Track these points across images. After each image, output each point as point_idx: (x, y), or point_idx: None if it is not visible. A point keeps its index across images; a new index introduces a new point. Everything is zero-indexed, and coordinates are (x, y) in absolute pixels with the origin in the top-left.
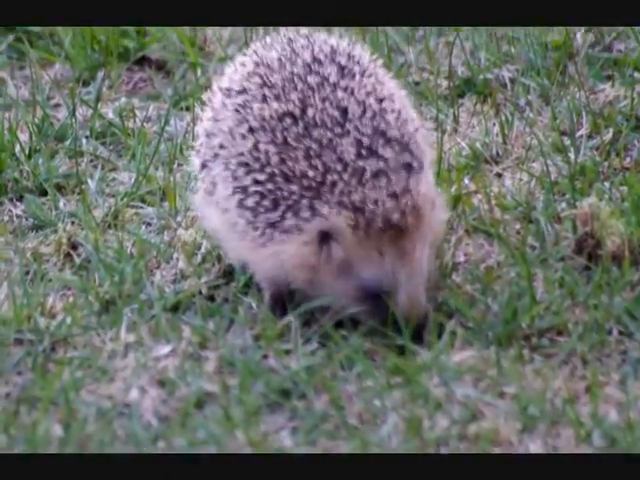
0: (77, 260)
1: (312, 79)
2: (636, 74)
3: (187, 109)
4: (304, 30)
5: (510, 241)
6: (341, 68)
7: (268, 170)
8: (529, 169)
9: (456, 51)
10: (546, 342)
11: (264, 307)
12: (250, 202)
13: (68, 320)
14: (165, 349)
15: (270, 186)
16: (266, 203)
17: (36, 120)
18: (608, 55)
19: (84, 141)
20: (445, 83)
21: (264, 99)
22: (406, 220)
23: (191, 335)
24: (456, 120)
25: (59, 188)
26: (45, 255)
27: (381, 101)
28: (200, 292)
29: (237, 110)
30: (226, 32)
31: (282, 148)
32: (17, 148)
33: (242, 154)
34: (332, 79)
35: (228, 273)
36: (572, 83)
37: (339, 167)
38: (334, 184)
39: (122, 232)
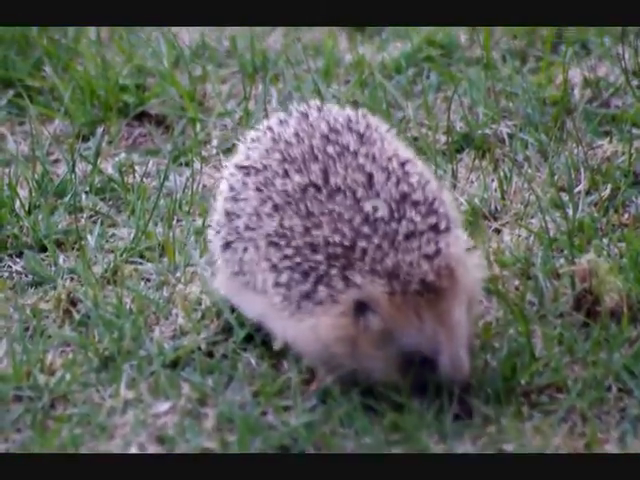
0: (76, 316)
1: (332, 149)
2: (634, 130)
3: (186, 164)
4: (315, 102)
5: (509, 297)
6: (360, 136)
7: (294, 244)
8: (528, 225)
9: (454, 106)
10: (545, 399)
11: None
12: (283, 279)
13: (67, 377)
14: (164, 406)
15: (298, 259)
16: (296, 276)
17: (36, 176)
18: (606, 111)
19: (84, 197)
20: (443, 138)
21: (285, 174)
22: (441, 281)
23: (190, 392)
24: (454, 176)
25: (59, 244)
26: (44, 311)
27: (403, 165)
28: (199, 348)
29: (259, 189)
30: (225, 87)
31: (305, 220)
32: (17, 204)
33: (270, 234)
34: (352, 147)
35: (227, 329)
36: (570, 139)
37: (368, 231)
38: (364, 250)
39: (121, 288)
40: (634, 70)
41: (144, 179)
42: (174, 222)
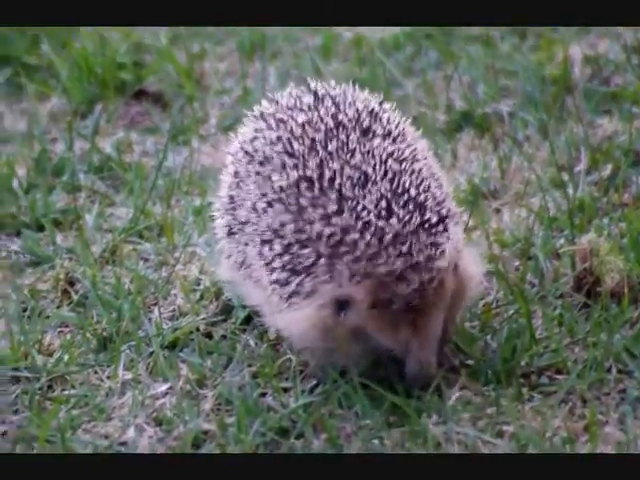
0: (75, 296)
1: (332, 145)
2: (634, 108)
3: (185, 143)
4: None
5: (509, 278)
6: (363, 132)
7: (285, 241)
8: (528, 205)
9: (454, 84)
10: (545, 380)
11: (316, 372)
12: (275, 277)
13: (65, 357)
14: (163, 387)
15: (287, 257)
16: (285, 275)
17: (33, 154)
18: (606, 89)
19: (82, 175)
20: (443, 117)
21: (284, 168)
22: (425, 299)
23: (189, 373)
24: (454, 155)
25: (57, 223)
26: (42, 292)
27: (401, 162)
28: (198, 329)
29: (258, 183)
30: (223, 65)
31: (297, 215)
32: (15, 183)
33: (264, 232)
34: (352, 144)
35: (226, 310)
36: (570, 117)
37: (359, 226)
38: (355, 243)
39: (120, 268)
40: (634, 47)
41: (142, 158)
42: (173, 201)
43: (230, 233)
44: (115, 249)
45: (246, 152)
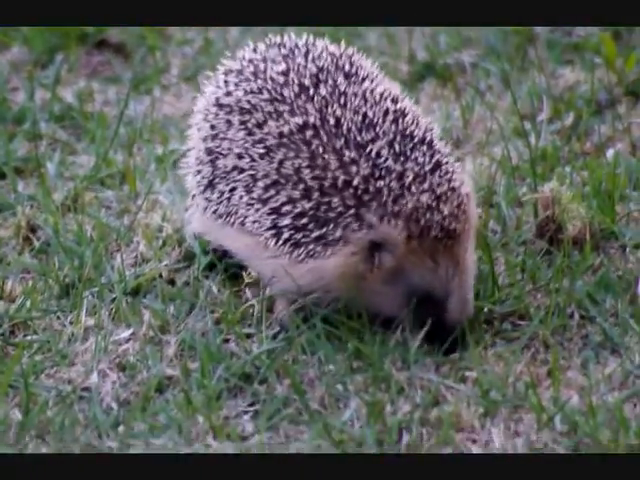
0: (36, 244)
1: (324, 90)
2: (596, 59)
3: (147, 93)
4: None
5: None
6: (346, 75)
7: (302, 186)
8: (490, 154)
9: (416, 35)
10: (508, 326)
11: (284, 319)
12: (286, 221)
13: (27, 304)
14: (125, 333)
15: (306, 203)
16: (304, 221)
17: None
18: (568, 39)
19: (43, 124)
20: (405, 67)
21: (279, 115)
22: (458, 224)
23: (152, 319)
24: (417, 105)
25: (18, 171)
26: (4, 239)
27: (395, 102)
28: (161, 276)
29: (249, 130)
30: None
31: (311, 161)
32: None
33: (267, 175)
34: (342, 87)
35: (189, 257)
36: (532, 67)
37: (381, 172)
38: (379, 191)
39: (82, 215)
40: None
41: (104, 107)
42: (135, 150)
43: (210, 184)
44: (77, 197)
45: (221, 105)
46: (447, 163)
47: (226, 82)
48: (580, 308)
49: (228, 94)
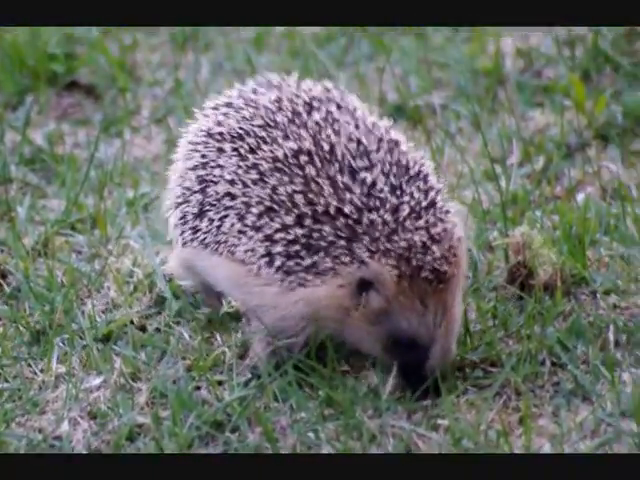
0: (7, 289)
1: (317, 115)
2: (566, 101)
3: (117, 135)
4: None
5: None
6: (338, 105)
7: (295, 212)
8: (461, 197)
9: (387, 76)
10: (480, 373)
11: (260, 359)
12: (279, 248)
13: None
14: (96, 380)
15: (299, 229)
16: (297, 248)
17: None
18: (538, 81)
19: (13, 167)
20: (376, 109)
21: (273, 140)
22: (449, 268)
23: (123, 366)
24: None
25: None
26: None
27: (388, 132)
28: (132, 322)
29: (242, 156)
30: (156, 57)
31: (305, 186)
32: None
33: (261, 202)
34: (335, 115)
35: (160, 302)
36: (502, 109)
37: (375, 203)
38: (372, 223)
39: (52, 260)
40: (566, 41)
41: (74, 150)
42: (105, 193)
43: (200, 212)
44: (47, 241)
45: (211, 134)
46: (441, 202)
47: (217, 114)
48: (551, 355)
49: (219, 124)
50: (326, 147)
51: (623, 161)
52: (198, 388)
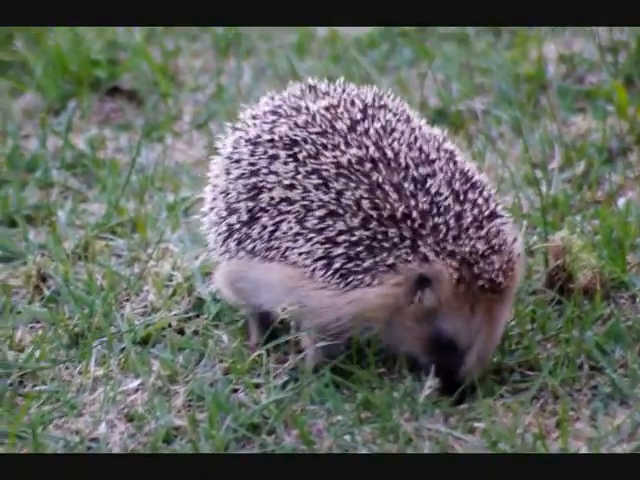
0: (46, 292)
1: (377, 123)
2: (608, 106)
3: (159, 140)
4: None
5: None
6: (394, 114)
7: (360, 216)
8: (501, 202)
9: (428, 82)
10: (517, 377)
11: (307, 364)
12: (339, 250)
13: (37, 353)
14: (134, 383)
15: (363, 232)
16: (359, 249)
17: (6, 150)
18: (580, 87)
19: (55, 172)
20: (417, 114)
21: (335, 147)
22: (504, 280)
23: (160, 369)
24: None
25: (29, 219)
26: (14, 287)
27: (445, 142)
28: (170, 325)
29: (300, 161)
30: (198, 62)
31: (371, 193)
32: None
33: (323, 205)
34: (392, 123)
35: (198, 306)
36: (544, 115)
37: (439, 209)
38: (436, 227)
39: (92, 264)
40: (609, 46)
41: (116, 154)
42: (146, 198)
43: (250, 220)
44: (87, 245)
45: (258, 143)
46: (501, 212)
47: (263, 121)
48: (590, 359)
49: (267, 131)
50: (390, 154)
51: None
52: (235, 391)
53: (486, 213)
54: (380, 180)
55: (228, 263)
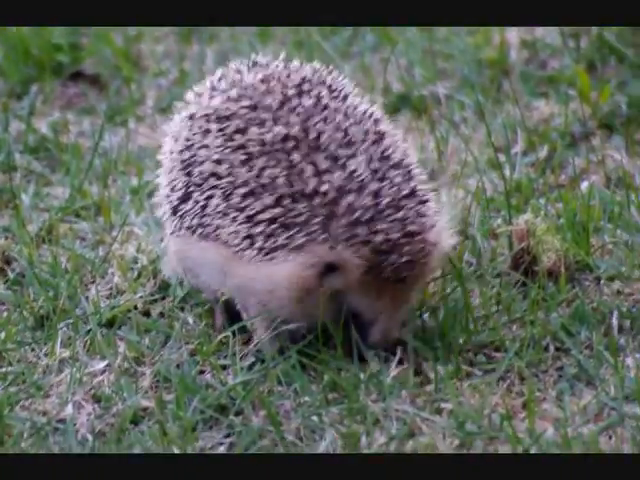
0: (11, 275)
1: (307, 100)
2: (570, 91)
3: (122, 124)
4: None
5: (447, 257)
6: (330, 90)
7: (277, 194)
8: (465, 186)
9: (391, 67)
10: (483, 358)
11: (265, 350)
12: (259, 229)
13: (2, 335)
14: (100, 364)
15: (278, 210)
16: (275, 226)
17: None
18: (543, 72)
19: (17, 156)
20: (380, 99)
21: (262, 123)
22: (412, 272)
23: (127, 350)
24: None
25: None
26: None
27: (377, 123)
28: (136, 307)
29: (228, 136)
30: (160, 47)
31: (289, 170)
32: None
33: (246, 183)
34: (325, 100)
35: (164, 288)
36: (507, 100)
37: (352, 187)
38: (351, 206)
39: (56, 247)
40: (571, 32)
41: (79, 138)
42: (109, 181)
43: (185, 195)
44: (52, 228)
45: (195, 118)
46: (422, 192)
47: (202, 96)
48: (555, 340)
49: (203, 107)
50: (313, 134)
51: (627, 150)
52: (202, 372)
53: (404, 192)
54: (299, 159)
55: (175, 241)
